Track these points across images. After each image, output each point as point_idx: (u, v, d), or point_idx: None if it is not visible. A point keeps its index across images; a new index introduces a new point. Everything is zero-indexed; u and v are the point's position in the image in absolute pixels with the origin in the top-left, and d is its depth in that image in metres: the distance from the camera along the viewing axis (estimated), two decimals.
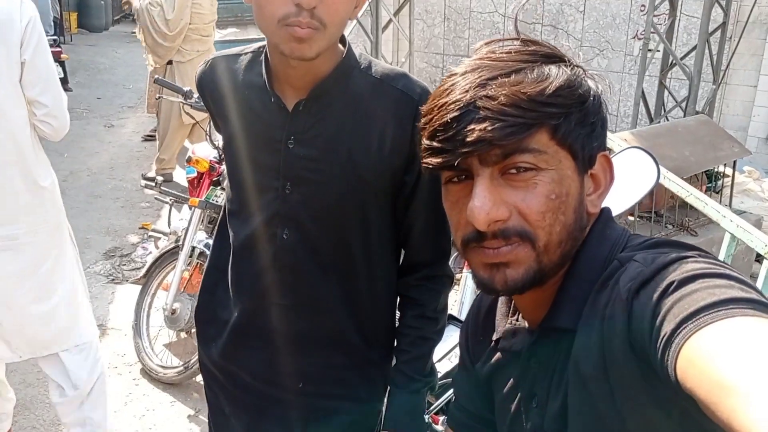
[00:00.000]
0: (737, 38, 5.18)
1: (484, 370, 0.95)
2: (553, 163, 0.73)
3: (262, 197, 1.22)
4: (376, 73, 1.19)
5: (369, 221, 1.23)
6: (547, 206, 0.73)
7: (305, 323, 1.27)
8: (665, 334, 0.60)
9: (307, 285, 1.25)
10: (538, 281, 0.75)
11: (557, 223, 0.74)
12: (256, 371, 1.32)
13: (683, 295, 0.62)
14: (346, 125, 1.17)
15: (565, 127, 0.73)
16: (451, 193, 0.79)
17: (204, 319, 1.40)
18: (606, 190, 0.82)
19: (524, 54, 0.75)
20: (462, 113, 0.72)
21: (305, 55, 1.05)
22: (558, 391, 0.78)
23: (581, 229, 0.78)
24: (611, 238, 0.79)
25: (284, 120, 1.17)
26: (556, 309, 0.78)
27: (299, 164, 1.18)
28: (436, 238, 1.28)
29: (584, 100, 0.75)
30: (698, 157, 3.57)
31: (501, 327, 0.90)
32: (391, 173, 1.20)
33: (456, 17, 7.46)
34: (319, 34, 1.04)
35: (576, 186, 0.76)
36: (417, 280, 1.30)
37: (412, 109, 1.15)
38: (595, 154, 0.79)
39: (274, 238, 1.22)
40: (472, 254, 0.77)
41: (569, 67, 0.76)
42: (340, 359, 1.30)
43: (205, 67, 1.28)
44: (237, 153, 1.23)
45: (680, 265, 0.66)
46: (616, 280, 0.71)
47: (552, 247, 0.74)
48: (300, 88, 1.17)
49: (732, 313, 0.57)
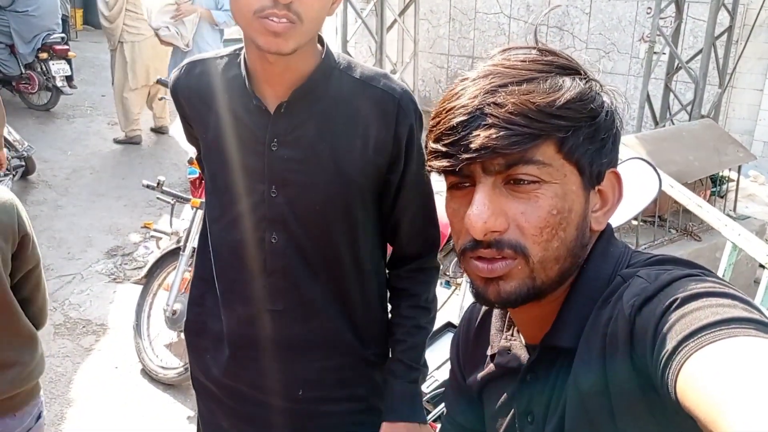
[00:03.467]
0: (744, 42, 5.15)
1: (476, 383, 0.94)
2: (557, 177, 0.72)
3: (247, 201, 1.21)
4: (356, 74, 1.19)
5: (355, 220, 1.23)
6: (546, 222, 0.71)
7: (298, 327, 1.27)
8: (666, 352, 0.59)
9: (298, 288, 1.24)
10: (534, 297, 0.74)
11: (555, 239, 0.72)
12: (253, 381, 1.31)
13: (685, 312, 0.61)
14: (329, 126, 1.17)
15: (572, 141, 0.71)
16: (454, 199, 0.77)
17: (195, 332, 1.38)
18: (613, 208, 0.80)
19: (539, 63, 0.74)
20: (469, 118, 0.70)
21: (281, 50, 1.05)
22: (556, 409, 0.77)
23: (582, 247, 0.76)
24: (614, 254, 0.78)
25: (266, 122, 1.16)
26: (559, 327, 0.77)
27: (283, 166, 1.17)
28: (425, 231, 1.30)
29: (595, 115, 0.74)
30: (703, 162, 3.55)
31: (496, 342, 0.89)
32: (375, 172, 1.20)
33: (461, 18, 7.44)
34: (295, 28, 1.03)
35: (580, 202, 0.74)
36: (408, 272, 1.32)
37: (394, 108, 1.17)
38: (603, 170, 0.77)
39: (262, 242, 1.21)
40: (469, 265, 0.76)
41: (584, 80, 0.75)
42: (336, 360, 1.30)
43: (179, 72, 1.26)
44: (218, 158, 1.22)
45: (684, 283, 0.65)
46: (619, 296, 0.70)
47: (548, 263, 0.73)
48: (280, 89, 1.16)
49: (734, 333, 0.57)
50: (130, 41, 5.91)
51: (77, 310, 3.70)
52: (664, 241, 3.49)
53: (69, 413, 2.88)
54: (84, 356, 3.29)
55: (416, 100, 1.23)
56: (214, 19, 5.21)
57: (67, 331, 3.49)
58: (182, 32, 5.14)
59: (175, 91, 1.27)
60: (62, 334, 3.46)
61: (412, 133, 1.20)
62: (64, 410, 2.90)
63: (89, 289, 3.91)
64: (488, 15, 7.19)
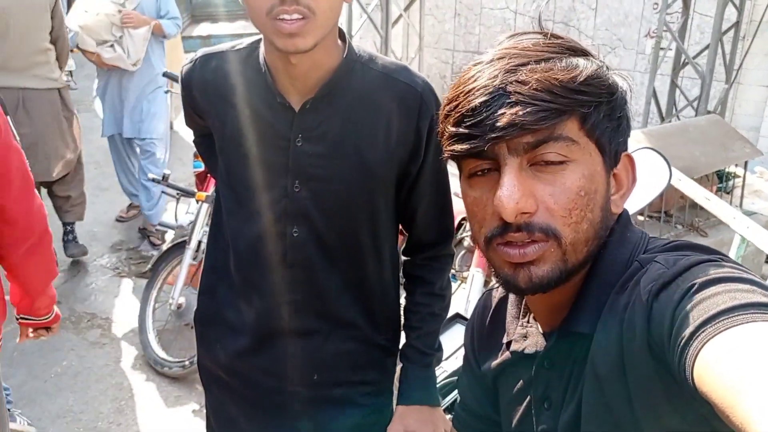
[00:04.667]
0: (751, 37, 5.12)
1: (491, 370, 0.94)
2: (583, 155, 0.72)
3: (268, 196, 1.21)
4: (378, 67, 1.19)
5: (377, 210, 1.24)
6: (575, 203, 0.71)
7: (315, 315, 1.28)
8: (684, 337, 0.59)
9: (317, 278, 1.25)
10: (564, 280, 0.74)
11: (584, 221, 0.72)
12: (268, 368, 1.32)
13: (704, 297, 0.61)
14: (353, 120, 1.17)
15: (594, 117, 0.72)
16: (475, 186, 0.76)
17: (205, 321, 1.39)
18: (629, 191, 0.81)
19: (551, 46, 0.74)
20: (492, 97, 0.70)
21: (300, 48, 1.04)
22: (574, 394, 0.77)
23: (606, 228, 0.76)
24: (632, 240, 0.78)
25: (290, 118, 1.16)
26: (577, 313, 0.76)
27: (308, 161, 1.17)
28: (440, 220, 1.32)
29: (613, 91, 0.74)
30: (709, 158, 3.53)
31: (512, 329, 0.89)
32: (397, 164, 1.21)
33: (467, 13, 7.42)
34: (309, 23, 1.02)
35: (604, 183, 0.75)
36: (423, 259, 1.35)
37: (417, 100, 1.18)
38: (620, 151, 0.77)
39: (283, 236, 1.22)
40: (496, 253, 0.75)
41: (596, 60, 0.75)
42: (350, 345, 1.31)
43: (193, 65, 1.25)
44: (237, 152, 1.21)
45: (702, 268, 0.65)
46: (637, 281, 0.70)
47: (579, 245, 0.73)
48: (304, 87, 1.15)
49: (752, 318, 0.56)
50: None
51: (82, 303, 3.70)
52: (671, 237, 3.48)
53: (74, 406, 2.89)
54: (89, 350, 3.30)
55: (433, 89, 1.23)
56: (163, 31, 4.09)
57: (72, 324, 3.50)
58: (131, 50, 3.94)
59: (188, 84, 1.25)
60: (67, 327, 3.46)
61: (433, 125, 1.20)
62: (69, 403, 2.91)
63: (94, 282, 3.92)
64: (494, 10, 7.17)
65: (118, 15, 3.90)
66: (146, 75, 4.12)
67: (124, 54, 3.94)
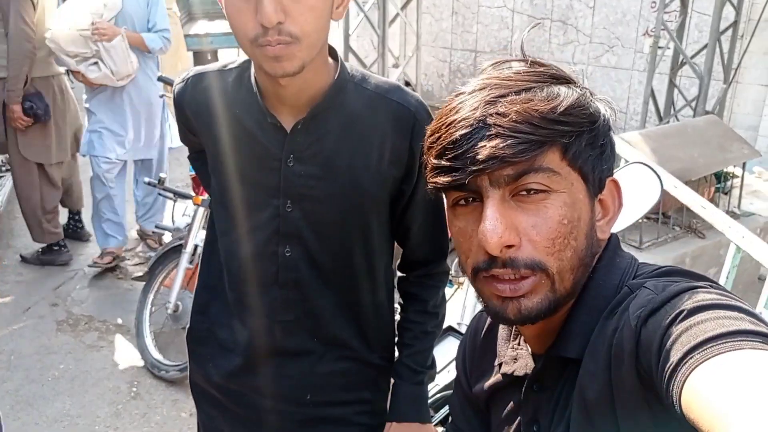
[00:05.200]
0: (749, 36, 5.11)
1: (483, 392, 0.94)
2: (565, 185, 0.71)
3: (260, 216, 1.20)
4: (370, 86, 1.19)
5: (370, 230, 1.23)
6: (558, 232, 0.71)
7: (308, 335, 1.28)
8: (672, 364, 0.59)
9: (310, 299, 1.25)
10: (553, 311, 0.73)
11: (568, 249, 0.72)
12: (260, 387, 1.31)
13: (692, 324, 0.61)
14: (345, 140, 1.16)
15: (576, 147, 0.71)
16: (459, 217, 0.76)
17: (197, 340, 1.38)
18: (615, 217, 0.80)
19: (532, 75, 0.73)
20: (472, 130, 0.69)
21: (287, 71, 1.03)
22: (561, 418, 0.77)
23: (592, 256, 0.76)
24: (621, 266, 0.78)
25: (282, 139, 1.16)
26: (565, 337, 0.76)
27: (299, 182, 1.17)
28: (434, 238, 1.31)
29: (595, 119, 0.74)
30: (707, 159, 3.52)
31: (503, 352, 0.89)
32: (391, 184, 1.20)
33: (464, 11, 7.41)
34: (293, 47, 1.01)
35: (587, 210, 0.74)
36: (417, 277, 1.35)
37: (410, 120, 1.17)
38: (604, 177, 0.77)
39: (275, 256, 1.21)
40: (484, 284, 0.75)
41: (577, 87, 0.75)
42: (343, 365, 1.31)
43: (184, 85, 1.24)
44: (228, 172, 1.21)
45: (691, 294, 0.65)
46: (626, 306, 0.70)
47: (565, 274, 0.72)
48: (295, 107, 1.15)
49: (740, 346, 0.56)
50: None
51: (79, 306, 3.70)
52: (668, 239, 3.47)
53: (71, 410, 2.89)
54: (86, 353, 3.30)
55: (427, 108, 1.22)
56: (145, 45, 3.70)
57: (69, 327, 3.50)
58: (112, 65, 3.60)
59: (180, 104, 1.25)
60: (64, 330, 3.46)
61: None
62: (66, 407, 2.90)
63: (91, 285, 3.91)
64: (491, 8, 7.15)
65: (91, 28, 3.51)
66: (141, 92, 3.86)
67: (110, 73, 3.61)
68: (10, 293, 3.72)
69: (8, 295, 3.46)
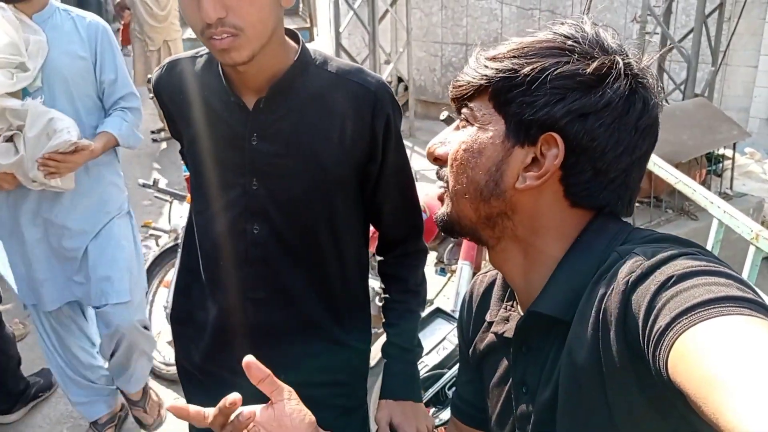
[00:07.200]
0: (736, 18, 5.13)
1: (476, 353, 0.96)
2: (481, 122, 0.80)
3: (229, 194, 1.24)
4: (332, 68, 1.22)
5: (336, 209, 1.27)
6: (456, 154, 0.82)
7: (279, 314, 1.30)
8: (659, 329, 0.60)
9: (279, 276, 1.28)
10: (451, 226, 0.85)
11: (463, 175, 0.81)
12: (234, 367, 1.33)
13: (680, 290, 0.61)
14: (307, 120, 1.20)
15: (505, 94, 0.77)
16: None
17: (179, 321, 1.42)
18: (548, 173, 0.76)
19: (545, 43, 0.79)
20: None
21: (237, 61, 1.08)
22: (549, 380, 0.78)
23: (498, 196, 0.79)
24: (611, 230, 0.78)
25: (245, 118, 1.20)
26: (543, 296, 0.78)
27: (264, 160, 1.20)
28: (407, 216, 1.35)
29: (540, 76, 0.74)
30: (696, 141, 3.54)
31: (495, 311, 0.91)
32: (354, 164, 1.24)
33: (453, 5, 7.42)
34: (239, 39, 1.05)
35: (497, 150, 0.78)
36: (395, 257, 1.39)
37: (370, 100, 1.20)
38: (536, 130, 0.76)
39: (243, 233, 1.25)
40: None
41: (576, 56, 0.76)
42: (317, 346, 1.33)
43: (161, 71, 1.30)
44: (200, 153, 1.25)
45: (680, 260, 0.66)
46: (615, 272, 0.70)
47: (460, 197, 0.82)
48: (256, 88, 1.19)
49: (727, 311, 0.57)
50: (173, 38, 5.81)
51: None
52: (661, 221, 3.49)
53: (74, 412, 2.91)
54: None
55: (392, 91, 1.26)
56: (126, 142, 2.30)
57: None
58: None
59: (158, 90, 1.30)
60: None
61: (389, 124, 1.23)
62: (69, 409, 2.93)
63: None
64: (480, 1, 7.17)
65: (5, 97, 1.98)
66: (89, 200, 2.31)
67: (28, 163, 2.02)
68: (13, 297, 3.75)
69: (11, 300, 3.48)
